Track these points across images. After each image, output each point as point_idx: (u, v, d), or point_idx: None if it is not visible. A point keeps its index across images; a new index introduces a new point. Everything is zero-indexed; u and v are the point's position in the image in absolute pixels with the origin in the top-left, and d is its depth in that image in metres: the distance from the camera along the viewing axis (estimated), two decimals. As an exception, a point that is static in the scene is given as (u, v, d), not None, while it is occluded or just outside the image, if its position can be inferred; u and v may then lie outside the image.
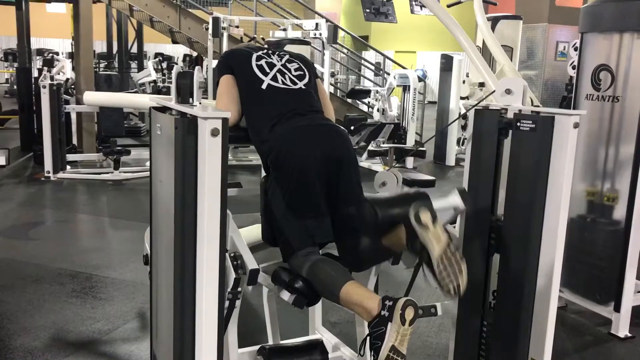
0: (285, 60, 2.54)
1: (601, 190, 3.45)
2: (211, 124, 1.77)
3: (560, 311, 3.22)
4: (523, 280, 2.26)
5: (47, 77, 7.00)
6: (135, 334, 3.22)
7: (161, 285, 2.17)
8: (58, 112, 6.96)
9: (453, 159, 8.80)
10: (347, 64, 15.28)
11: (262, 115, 2.37)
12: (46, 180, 6.87)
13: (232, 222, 2.14)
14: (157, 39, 14.95)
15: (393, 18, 12.14)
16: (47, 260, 4.32)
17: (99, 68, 14.20)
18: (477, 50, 4.71)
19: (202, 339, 1.93)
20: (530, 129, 2.19)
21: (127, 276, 4.02)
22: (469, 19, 6.07)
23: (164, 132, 1.98)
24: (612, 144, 3.39)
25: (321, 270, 2.21)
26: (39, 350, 2.98)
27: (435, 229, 2.05)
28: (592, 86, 3.44)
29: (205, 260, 1.87)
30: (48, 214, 5.88)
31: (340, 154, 2.33)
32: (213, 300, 1.91)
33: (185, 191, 1.86)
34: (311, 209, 2.27)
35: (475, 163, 2.43)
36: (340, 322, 3.34)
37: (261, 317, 2.93)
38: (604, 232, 3.47)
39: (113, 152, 7.07)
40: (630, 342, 3.34)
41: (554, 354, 2.30)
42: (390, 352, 1.89)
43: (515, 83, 2.38)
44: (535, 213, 2.21)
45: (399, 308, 1.90)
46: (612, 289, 3.39)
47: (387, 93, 8.29)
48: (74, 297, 3.66)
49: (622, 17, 3.30)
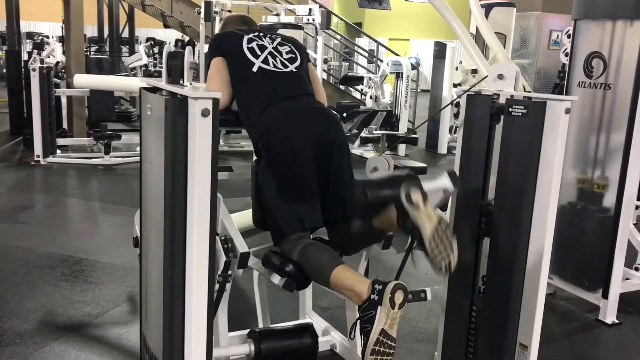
0: (277, 43, 2.51)
1: (591, 178, 3.46)
2: (202, 104, 1.75)
3: (549, 297, 3.25)
4: (512, 265, 2.27)
5: (37, 60, 6.93)
6: (125, 317, 3.21)
7: (151, 267, 2.17)
8: (48, 95, 6.90)
9: (445, 147, 8.82)
10: (341, 51, 15.23)
11: (253, 98, 2.36)
12: (36, 164, 6.83)
13: (223, 205, 2.13)
14: (149, 24, 14.83)
15: (387, 5, 12.09)
16: (37, 244, 4.30)
17: (89, 52, 14.05)
18: (470, 37, 4.71)
19: (191, 321, 1.93)
20: (522, 114, 2.19)
21: (117, 260, 4.00)
22: (463, 6, 6.06)
23: (154, 112, 1.96)
24: (603, 131, 3.40)
25: (312, 254, 2.21)
26: (28, 333, 2.97)
27: (426, 208, 2.06)
28: (584, 73, 3.43)
29: (195, 242, 1.86)
30: (38, 198, 5.84)
31: (331, 138, 2.33)
32: (203, 283, 1.91)
33: (175, 172, 1.85)
34: (302, 193, 2.26)
35: (467, 148, 2.43)
36: (330, 306, 3.35)
37: (252, 301, 2.93)
38: (594, 219, 3.49)
39: (104, 136, 7.03)
40: (618, 329, 3.37)
41: (543, 340, 2.31)
42: (380, 335, 1.90)
43: (508, 68, 2.37)
44: (526, 199, 2.21)
45: (389, 292, 1.90)
46: (601, 276, 3.41)
47: (380, 80, 8.27)
48: (63, 280, 3.65)
49: (615, 4, 3.30)
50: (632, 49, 3.23)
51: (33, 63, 6.88)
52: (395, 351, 1.91)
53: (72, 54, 8.18)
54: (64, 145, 7.48)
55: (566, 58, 3.82)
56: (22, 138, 7.74)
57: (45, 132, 6.84)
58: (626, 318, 3.46)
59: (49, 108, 6.93)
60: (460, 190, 2.44)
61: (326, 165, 2.29)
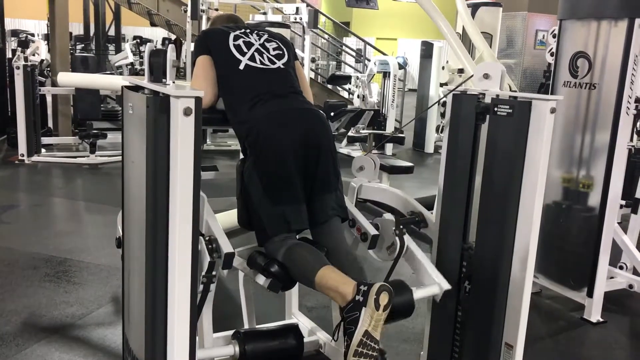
0: (264, 39, 2.50)
1: (577, 177, 3.47)
2: (183, 103, 1.73)
3: (534, 296, 3.25)
4: (498, 265, 2.27)
5: (21, 58, 6.86)
6: (110, 318, 3.18)
7: (133, 268, 2.14)
8: (32, 94, 6.84)
9: (432, 147, 8.85)
10: (328, 50, 15.21)
11: (240, 95, 2.33)
12: (20, 163, 6.75)
13: (208, 205, 2.11)
14: (135, 22, 14.71)
15: (374, 4, 12.07)
16: (20, 244, 4.24)
17: (75, 50, 13.93)
18: (456, 36, 4.71)
19: (174, 323, 1.90)
20: (507, 113, 2.19)
21: (102, 260, 3.96)
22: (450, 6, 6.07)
23: (136, 111, 1.93)
24: (588, 131, 3.41)
25: (297, 254, 2.19)
26: (10, 335, 2.93)
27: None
28: (569, 73, 3.45)
29: (177, 242, 1.84)
30: (22, 197, 5.78)
31: (319, 141, 2.31)
32: (185, 283, 1.88)
33: (157, 172, 1.82)
34: (288, 195, 2.25)
35: (453, 147, 2.43)
36: (316, 307, 3.34)
37: (237, 302, 2.91)
38: (579, 218, 3.50)
39: (89, 135, 6.96)
40: (602, 327, 3.39)
41: (528, 339, 2.31)
42: (364, 337, 1.88)
43: (493, 68, 2.37)
44: (511, 198, 2.21)
45: (374, 293, 1.89)
46: (586, 275, 3.43)
47: (368, 79, 8.28)
48: (47, 281, 3.61)
49: (600, 4, 3.31)
50: (616, 49, 3.24)
51: (17, 61, 6.80)
52: (377, 353, 1.90)
53: (57, 52, 8.09)
54: (49, 144, 7.41)
55: (552, 58, 3.84)
56: (6, 137, 7.64)
57: (29, 131, 6.78)
58: (611, 317, 3.47)
59: (34, 106, 6.86)
60: (445, 191, 2.44)
61: (313, 168, 2.28)
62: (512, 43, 10.60)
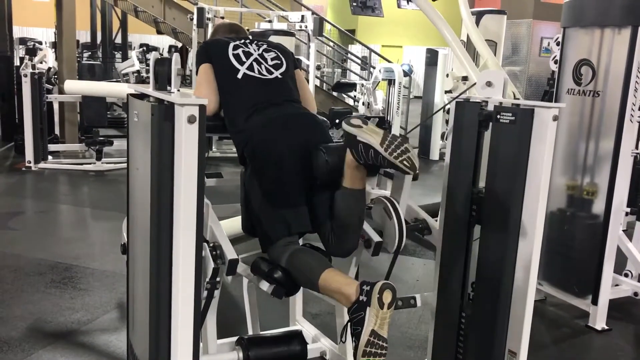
0: (262, 49, 2.53)
1: (581, 184, 3.47)
2: (188, 111, 1.75)
3: (538, 304, 3.25)
4: (502, 272, 2.27)
5: (29, 66, 6.91)
6: (115, 324, 3.19)
7: (138, 274, 2.15)
8: (40, 101, 6.88)
9: (437, 154, 8.84)
10: (334, 57, 15.27)
11: (238, 105, 2.37)
12: (27, 170, 6.79)
13: (212, 212, 2.12)
14: (142, 30, 14.80)
15: (380, 12, 12.12)
16: (27, 250, 4.27)
17: (82, 58, 14.03)
18: (460, 43, 4.73)
19: (177, 329, 1.91)
20: (510, 121, 2.20)
21: (108, 267, 3.98)
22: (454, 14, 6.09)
23: (141, 119, 1.96)
24: (592, 138, 3.42)
25: (300, 259, 2.20)
26: (16, 341, 2.95)
27: (369, 126, 2.11)
28: (573, 81, 3.45)
29: (181, 248, 1.85)
30: (28, 204, 5.81)
31: (316, 142, 2.32)
32: (189, 290, 1.89)
33: (161, 179, 1.84)
34: (288, 198, 2.26)
35: (456, 154, 2.44)
36: (320, 313, 3.34)
37: (241, 308, 2.92)
38: (583, 225, 3.50)
39: (95, 142, 7.01)
40: (607, 335, 3.38)
41: (532, 346, 2.31)
42: (371, 336, 1.89)
43: (496, 75, 2.38)
44: (514, 205, 2.21)
45: (377, 292, 1.90)
46: (590, 282, 3.42)
47: (373, 87, 8.28)
48: (53, 287, 3.63)
49: (603, 12, 3.32)
50: (620, 57, 3.25)
51: (25, 69, 6.86)
52: (387, 351, 1.90)
53: (64, 59, 8.16)
54: (56, 151, 7.45)
55: (555, 65, 3.84)
56: (13, 144, 7.71)
57: (36, 138, 6.82)
58: (616, 324, 3.46)
59: (41, 114, 6.90)
60: (449, 197, 2.45)
61: (311, 169, 2.29)
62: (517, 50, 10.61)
